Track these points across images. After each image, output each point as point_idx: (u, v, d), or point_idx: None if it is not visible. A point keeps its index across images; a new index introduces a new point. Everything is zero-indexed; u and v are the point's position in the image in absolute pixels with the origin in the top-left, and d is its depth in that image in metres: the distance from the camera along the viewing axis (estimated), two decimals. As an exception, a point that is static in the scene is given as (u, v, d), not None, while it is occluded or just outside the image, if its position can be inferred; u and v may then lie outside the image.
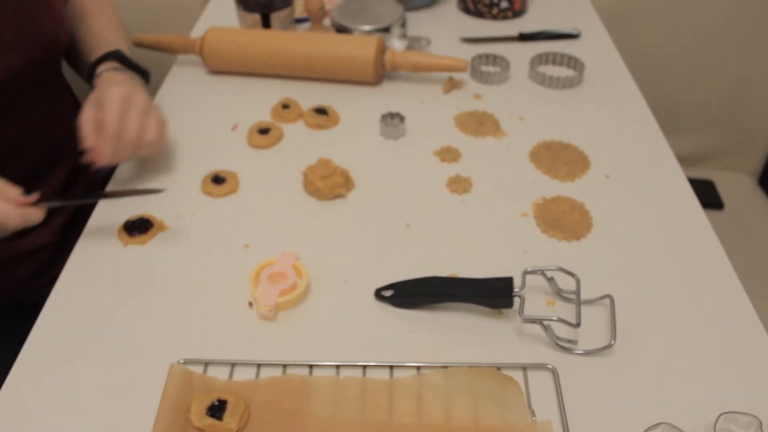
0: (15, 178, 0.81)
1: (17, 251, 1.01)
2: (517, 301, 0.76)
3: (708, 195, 1.57)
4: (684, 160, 1.00)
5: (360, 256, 0.87)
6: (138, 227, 0.90)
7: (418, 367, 0.73)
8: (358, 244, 0.88)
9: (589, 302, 0.80)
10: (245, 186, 0.97)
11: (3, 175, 0.81)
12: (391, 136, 1.05)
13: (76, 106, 1.10)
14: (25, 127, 0.97)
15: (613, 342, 0.74)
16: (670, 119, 1.27)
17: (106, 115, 0.88)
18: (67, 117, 1.02)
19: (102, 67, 0.97)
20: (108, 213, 0.93)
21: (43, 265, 0.98)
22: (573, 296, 0.79)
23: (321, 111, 1.09)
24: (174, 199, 0.95)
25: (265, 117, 1.10)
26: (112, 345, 0.76)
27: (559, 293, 0.81)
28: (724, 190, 1.60)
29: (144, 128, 0.91)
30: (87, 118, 0.88)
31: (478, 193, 0.96)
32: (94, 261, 0.86)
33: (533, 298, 0.80)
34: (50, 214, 1.01)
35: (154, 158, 1.01)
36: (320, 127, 1.07)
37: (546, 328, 0.75)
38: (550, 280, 0.81)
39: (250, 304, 0.81)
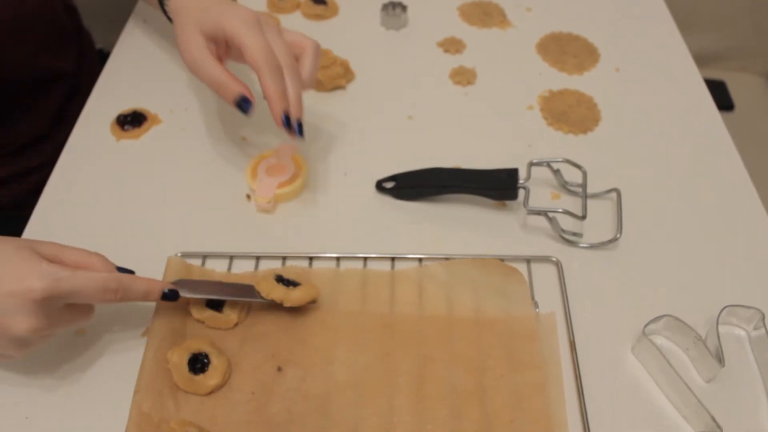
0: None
1: (16, 170, 0.98)
2: (521, 192, 0.74)
3: (719, 96, 1.53)
4: (696, 60, 0.96)
5: (360, 148, 0.84)
6: (131, 121, 0.87)
7: (420, 259, 0.72)
8: (359, 136, 0.86)
9: (596, 196, 0.78)
10: (242, 78, 0.93)
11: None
12: (393, 26, 1.01)
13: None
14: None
15: (618, 235, 0.73)
16: (685, 15, 1.22)
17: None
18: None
19: None
20: (99, 107, 0.90)
21: (43, 181, 0.95)
22: (579, 189, 0.77)
23: (319, 0, 1.04)
24: (168, 92, 0.92)
25: (261, 7, 1.06)
26: (108, 241, 0.75)
27: (564, 186, 0.79)
28: (735, 91, 1.56)
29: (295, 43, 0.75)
30: (270, 85, 0.69)
31: (482, 85, 0.93)
32: (87, 156, 0.84)
33: (538, 191, 0.78)
34: (47, 135, 0.99)
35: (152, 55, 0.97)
36: (318, 17, 1.03)
37: (551, 220, 0.73)
38: (556, 172, 0.78)
39: (248, 197, 0.79)
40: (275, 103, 0.69)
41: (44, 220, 0.77)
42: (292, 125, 0.71)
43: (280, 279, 0.67)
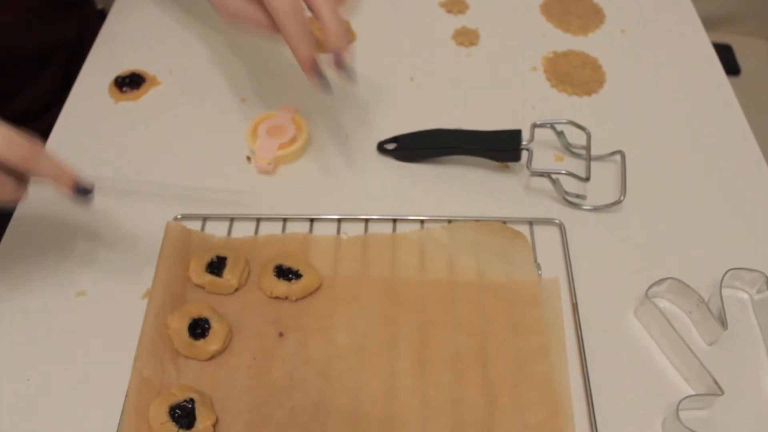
0: None
1: (6, 116, 0.97)
2: (524, 154, 0.73)
3: (725, 60, 1.51)
4: (702, 23, 0.95)
5: (361, 109, 0.83)
6: (129, 83, 0.86)
7: (422, 221, 0.71)
8: (360, 97, 0.85)
9: (600, 158, 0.77)
10: (241, 39, 0.92)
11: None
12: (395, -14, 0.99)
13: None
14: None
15: (622, 198, 0.72)
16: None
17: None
18: None
19: None
20: (97, 69, 0.89)
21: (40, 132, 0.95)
22: (583, 151, 0.76)
23: (320, -40, 1.02)
24: (166, 53, 0.90)
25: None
26: (106, 204, 0.74)
27: (568, 148, 0.78)
28: (741, 55, 1.54)
29: None
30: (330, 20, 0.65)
31: (485, 46, 0.91)
32: (85, 119, 0.83)
33: (541, 153, 0.77)
34: (55, 102, 0.98)
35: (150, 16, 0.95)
36: (319, -23, 1.01)
37: (554, 182, 0.72)
38: (560, 134, 0.77)
39: (248, 158, 0.78)
40: (332, 39, 0.64)
41: (42, 186, 0.76)
42: (344, 65, 0.67)
43: (280, 271, 0.66)
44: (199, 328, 0.62)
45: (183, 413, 0.56)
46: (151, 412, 0.57)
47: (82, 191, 0.60)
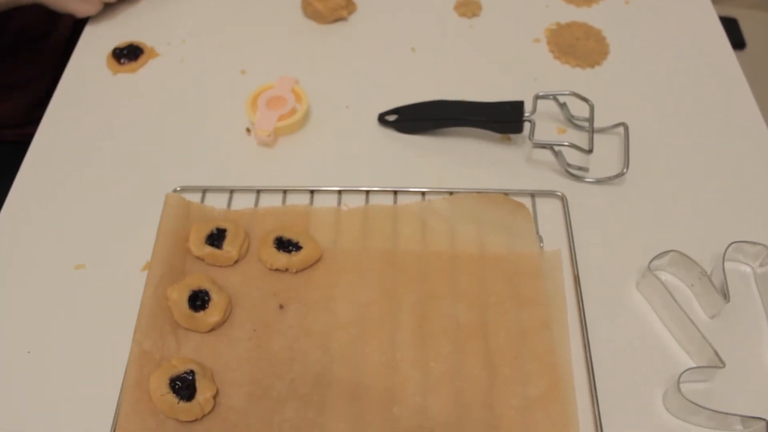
0: None
1: (11, 81, 0.96)
2: (526, 126, 0.72)
3: (731, 33, 1.49)
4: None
5: (362, 80, 0.83)
6: (127, 55, 0.85)
7: (423, 193, 0.70)
8: (361, 68, 0.84)
9: (603, 130, 0.76)
10: (240, 10, 0.91)
11: None
12: (396, -44, 0.98)
13: None
14: None
15: (625, 170, 0.72)
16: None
17: None
18: None
19: None
20: (94, 41, 0.88)
21: (39, 96, 0.94)
22: (586, 123, 0.75)
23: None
24: (165, 24, 0.89)
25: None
26: (106, 176, 0.74)
27: (571, 120, 0.77)
28: (747, 29, 1.52)
29: None
30: None
31: (487, 17, 0.90)
32: (83, 91, 0.83)
33: (544, 126, 0.76)
34: (38, 41, 0.97)
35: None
36: (319, -54, 1.00)
37: (557, 154, 0.72)
38: (563, 106, 0.76)
39: (248, 130, 0.77)
40: None
41: (40, 159, 0.76)
42: None
43: (280, 243, 0.65)
44: (198, 300, 0.61)
45: (183, 385, 0.56)
46: (151, 384, 0.57)
47: None
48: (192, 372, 0.57)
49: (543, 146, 0.71)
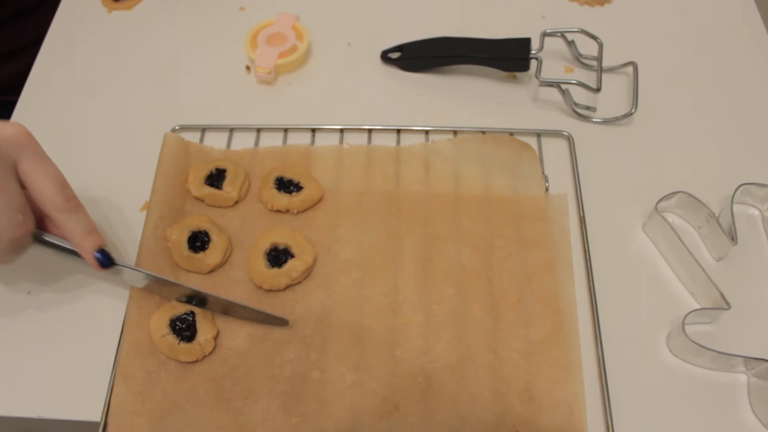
0: None
1: (14, 45, 0.94)
2: (533, 64, 0.70)
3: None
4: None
5: (364, 17, 0.81)
6: (123, -10, 0.83)
7: (426, 132, 0.69)
8: (363, 4, 0.82)
9: (611, 69, 0.74)
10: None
11: None
12: None
13: None
14: None
15: (633, 110, 0.70)
16: None
17: None
18: None
19: None
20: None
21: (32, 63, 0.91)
22: (594, 62, 0.73)
23: None
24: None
25: None
26: (103, 118, 0.72)
27: (578, 59, 0.75)
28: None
29: None
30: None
31: (494, -50, 0.87)
32: (77, 30, 0.81)
33: (551, 64, 0.75)
34: (34, 8, 0.94)
35: None
36: None
37: (564, 92, 0.70)
38: (571, 44, 0.74)
39: (248, 68, 0.76)
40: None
41: (33, 101, 0.74)
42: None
43: (281, 183, 0.64)
44: (198, 241, 0.61)
45: (184, 326, 0.56)
46: (151, 325, 0.56)
47: (102, 262, 0.55)
48: (192, 313, 0.57)
49: (550, 84, 0.70)
